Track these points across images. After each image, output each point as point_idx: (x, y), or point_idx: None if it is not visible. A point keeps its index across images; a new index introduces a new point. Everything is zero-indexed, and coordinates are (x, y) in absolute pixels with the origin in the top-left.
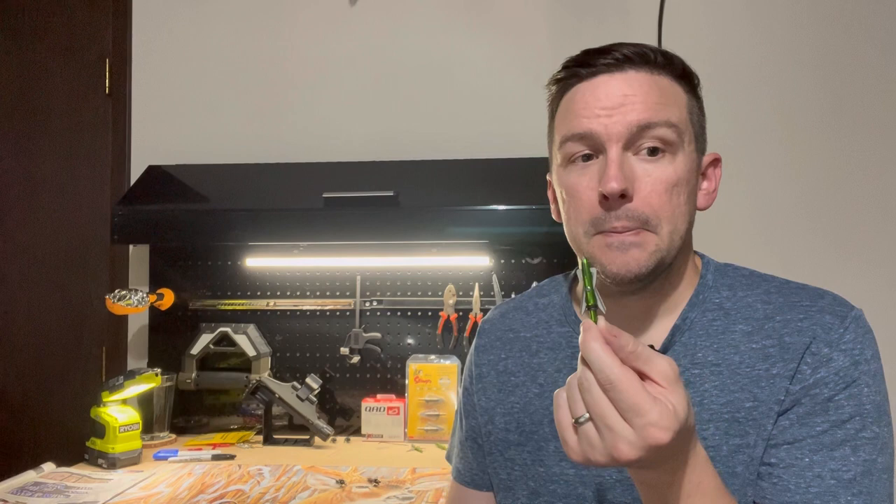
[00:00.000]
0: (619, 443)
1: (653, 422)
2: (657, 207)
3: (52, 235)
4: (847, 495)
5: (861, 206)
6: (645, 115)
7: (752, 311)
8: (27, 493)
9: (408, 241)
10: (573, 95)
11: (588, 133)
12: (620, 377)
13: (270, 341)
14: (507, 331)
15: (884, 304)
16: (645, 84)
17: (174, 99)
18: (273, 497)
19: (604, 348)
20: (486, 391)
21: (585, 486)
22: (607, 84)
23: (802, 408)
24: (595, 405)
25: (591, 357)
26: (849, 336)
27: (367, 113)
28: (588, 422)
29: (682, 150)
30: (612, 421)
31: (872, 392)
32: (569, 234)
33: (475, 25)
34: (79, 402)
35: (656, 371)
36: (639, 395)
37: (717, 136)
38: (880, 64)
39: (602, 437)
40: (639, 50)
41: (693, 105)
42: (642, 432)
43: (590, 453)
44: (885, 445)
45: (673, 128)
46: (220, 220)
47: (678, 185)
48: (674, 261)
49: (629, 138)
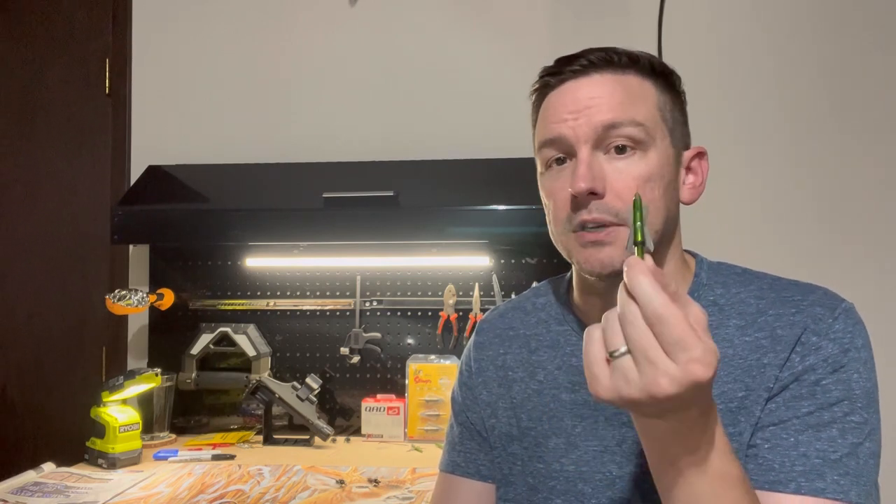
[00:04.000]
0: (659, 377)
1: (697, 357)
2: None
3: (52, 235)
4: (833, 474)
5: (867, 203)
6: (609, 115)
7: (745, 306)
8: (27, 493)
9: (408, 241)
10: (546, 103)
11: (558, 137)
12: (670, 310)
13: (270, 341)
14: (507, 329)
15: (887, 302)
16: (608, 86)
17: (174, 99)
18: (273, 497)
19: (652, 282)
20: (487, 385)
21: (585, 483)
22: (573, 89)
23: (790, 392)
24: (639, 338)
25: (639, 290)
26: (838, 325)
27: (366, 113)
28: (624, 356)
29: (653, 146)
30: (655, 354)
31: (862, 379)
32: (552, 234)
33: (475, 25)
34: (79, 402)
35: (693, 316)
36: (686, 331)
37: (717, 134)
38: (881, 60)
39: (641, 370)
40: (604, 54)
41: (665, 101)
42: (686, 366)
43: (623, 388)
44: (872, 432)
45: (639, 126)
46: (220, 220)
47: (651, 179)
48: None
49: (596, 139)
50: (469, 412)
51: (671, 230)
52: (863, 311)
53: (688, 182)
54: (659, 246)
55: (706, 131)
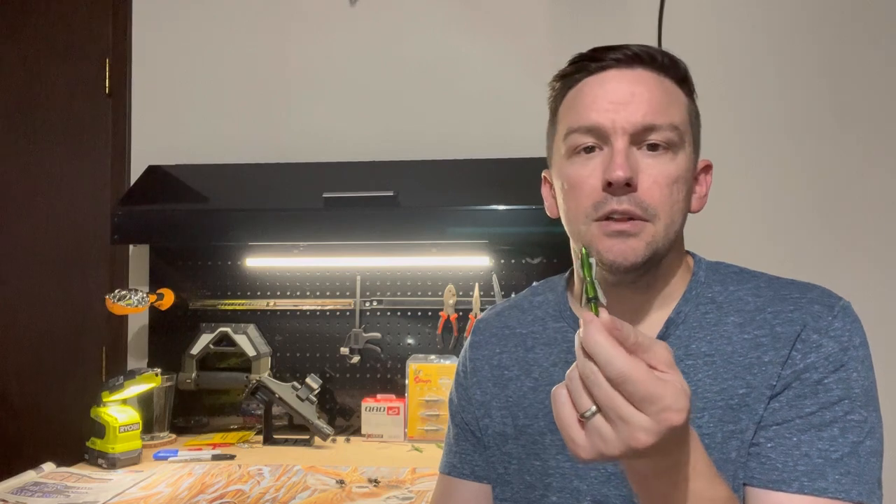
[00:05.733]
0: (635, 432)
1: (668, 405)
2: (658, 199)
3: (52, 235)
4: (835, 474)
5: (867, 205)
6: (650, 116)
7: (743, 303)
8: (27, 493)
9: (408, 241)
10: (581, 88)
11: (595, 126)
12: (632, 369)
13: (270, 341)
14: (503, 327)
15: (887, 302)
16: (651, 83)
17: (174, 99)
18: (273, 497)
19: (609, 341)
20: (481, 384)
21: (581, 480)
22: (616, 79)
23: (793, 391)
24: (607, 399)
25: (596, 350)
26: (838, 324)
27: (366, 113)
28: (595, 416)
29: (682, 150)
30: (627, 412)
31: (861, 377)
32: (567, 224)
33: (475, 26)
34: (79, 402)
35: (657, 358)
36: (652, 385)
37: (717, 134)
38: (882, 59)
39: (616, 429)
40: (648, 50)
41: (692, 110)
42: (659, 416)
43: (602, 448)
44: (872, 430)
45: (675, 130)
46: (220, 220)
47: (678, 181)
48: (666, 255)
49: (634, 134)
50: (464, 413)
51: (679, 235)
52: (864, 314)
53: (696, 192)
54: (666, 252)
55: (706, 129)
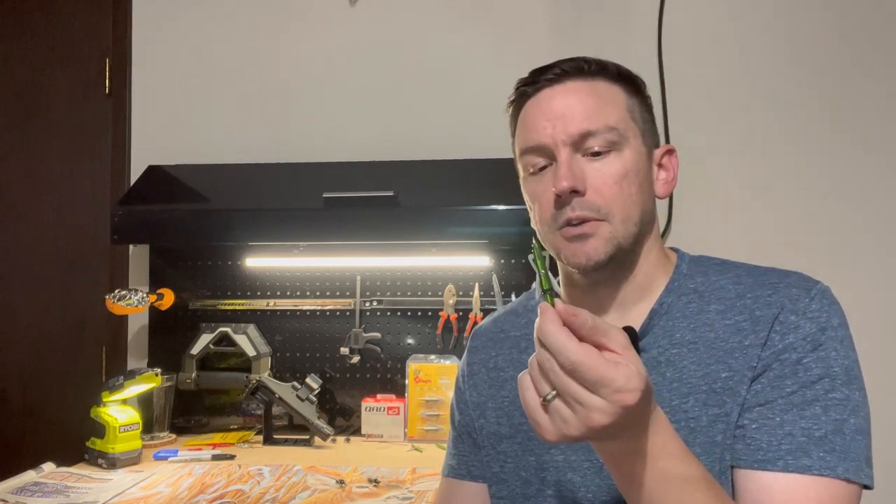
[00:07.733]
0: (592, 413)
1: (620, 387)
2: (608, 198)
3: (52, 235)
4: (819, 451)
5: (863, 205)
6: (585, 123)
7: (724, 291)
8: (27, 493)
9: (408, 241)
10: (524, 112)
11: (539, 145)
12: (581, 357)
13: (270, 341)
14: (499, 332)
15: (886, 302)
16: (583, 92)
17: (174, 99)
18: (273, 497)
19: (560, 331)
20: (476, 387)
21: (574, 472)
22: (549, 96)
23: (773, 372)
24: (563, 385)
25: (549, 340)
26: (815, 305)
27: (366, 113)
28: (556, 399)
29: (627, 145)
30: (581, 395)
31: (841, 356)
32: (539, 235)
33: (475, 25)
34: (79, 402)
35: (614, 342)
36: (602, 368)
37: (716, 134)
38: (883, 60)
39: (574, 410)
40: (575, 63)
41: (634, 103)
42: (612, 398)
43: (564, 429)
44: (857, 408)
45: (613, 130)
46: (220, 220)
47: (626, 176)
48: (635, 246)
49: (574, 143)
50: (462, 415)
51: (648, 224)
52: (862, 311)
53: (660, 178)
54: (637, 241)
55: (703, 128)
